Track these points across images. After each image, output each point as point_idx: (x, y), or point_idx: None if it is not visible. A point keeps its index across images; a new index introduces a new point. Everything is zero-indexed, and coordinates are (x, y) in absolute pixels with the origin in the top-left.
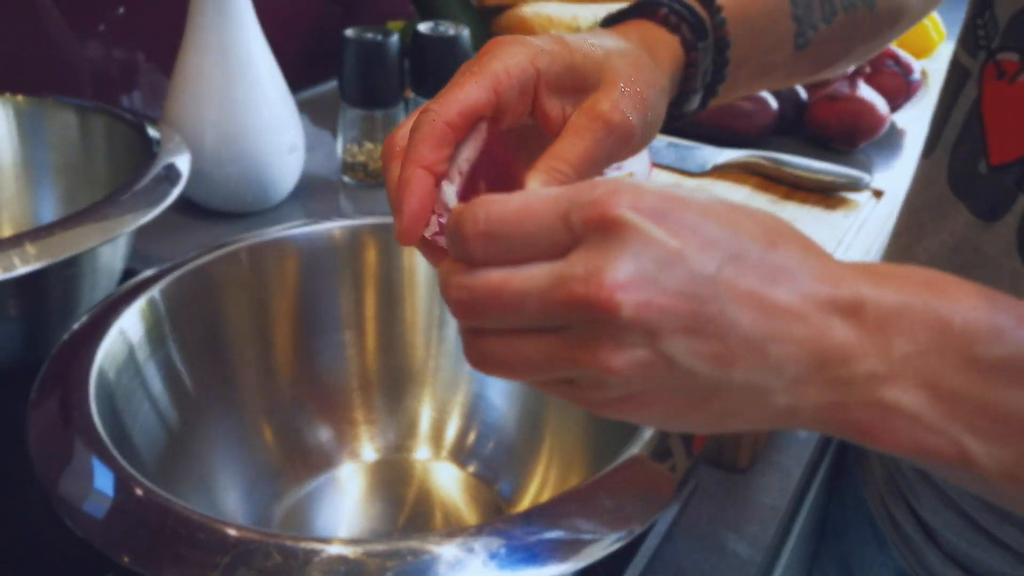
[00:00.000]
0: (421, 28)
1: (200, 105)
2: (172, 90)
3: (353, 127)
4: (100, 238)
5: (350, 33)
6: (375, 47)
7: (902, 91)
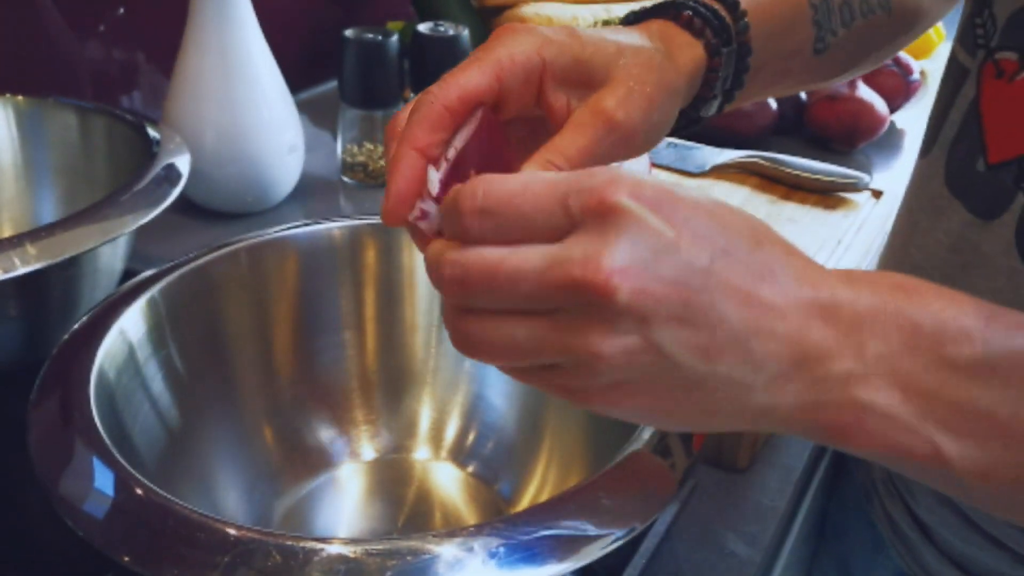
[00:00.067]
0: (421, 28)
1: (200, 105)
2: (172, 90)
3: (353, 127)
4: (100, 238)
5: (350, 33)
6: (375, 47)
7: (901, 91)
